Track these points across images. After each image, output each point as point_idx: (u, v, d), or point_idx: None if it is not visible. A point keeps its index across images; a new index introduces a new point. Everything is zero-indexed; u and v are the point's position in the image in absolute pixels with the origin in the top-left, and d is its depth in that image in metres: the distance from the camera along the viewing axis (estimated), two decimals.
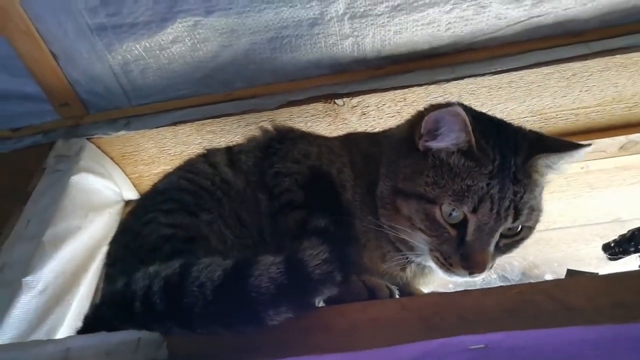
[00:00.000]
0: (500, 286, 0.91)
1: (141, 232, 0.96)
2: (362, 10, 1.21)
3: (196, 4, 1.21)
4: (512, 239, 0.91)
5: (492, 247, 0.87)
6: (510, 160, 0.87)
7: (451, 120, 0.85)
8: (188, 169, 1.10)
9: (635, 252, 0.98)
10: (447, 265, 0.88)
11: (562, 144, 0.93)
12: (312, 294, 0.79)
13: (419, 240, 0.90)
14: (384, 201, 0.94)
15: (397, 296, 0.92)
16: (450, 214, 0.86)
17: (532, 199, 0.88)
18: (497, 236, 0.87)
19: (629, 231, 1.01)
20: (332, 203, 0.94)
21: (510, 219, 0.86)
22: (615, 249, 1.03)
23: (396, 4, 1.20)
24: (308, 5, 1.21)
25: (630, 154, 1.45)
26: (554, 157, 0.90)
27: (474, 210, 0.84)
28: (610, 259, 1.05)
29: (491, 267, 0.89)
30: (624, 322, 0.74)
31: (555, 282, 0.85)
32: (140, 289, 0.80)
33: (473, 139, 0.86)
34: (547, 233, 1.82)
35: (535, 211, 0.91)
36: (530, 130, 0.98)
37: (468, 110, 0.91)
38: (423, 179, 0.88)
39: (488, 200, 0.84)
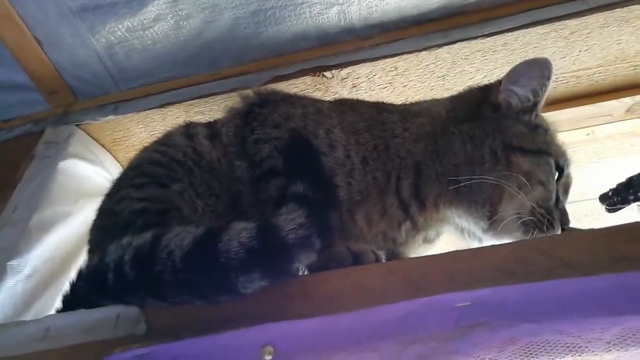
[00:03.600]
0: (492, 245, 0.86)
1: (114, 210, 0.95)
2: None
3: None
4: None
5: None
6: None
7: (540, 67, 0.97)
8: (163, 141, 1.09)
9: (635, 200, 0.92)
10: (550, 220, 0.91)
11: None
12: (287, 259, 0.75)
13: (530, 195, 0.91)
14: (496, 157, 0.95)
15: (384, 261, 0.87)
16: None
17: None
18: None
19: (626, 178, 0.95)
20: (313, 166, 0.90)
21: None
22: (614, 198, 0.96)
23: None
24: None
25: (638, 117, 1.38)
26: None
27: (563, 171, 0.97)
28: (609, 210, 0.99)
29: None
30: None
31: (552, 238, 0.80)
32: (112, 260, 0.78)
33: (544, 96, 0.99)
34: None
35: None
36: None
37: None
38: (534, 136, 0.98)
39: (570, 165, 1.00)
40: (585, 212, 1.75)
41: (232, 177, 0.98)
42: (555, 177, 0.96)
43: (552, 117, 1.37)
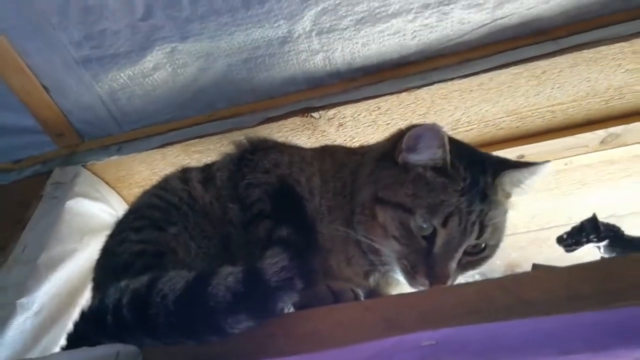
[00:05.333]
0: (459, 284, 0.92)
1: (116, 252, 1.02)
2: (327, 25, 1.26)
3: (171, 31, 1.27)
4: (476, 257, 0.95)
5: (455, 262, 0.91)
6: (479, 179, 0.93)
7: (431, 137, 0.92)
8: (161, 185, 1.17)
9: (587, 242, 0.98)
10: (412, 273, 0.92)
11: (524, 163, 1.02)
12: (271, 301, 0.81)
13: (389, 248, 0.93)
14: (363, 207, 0.98)
15: (362, 299, 0.94)
16: (422, 227, 0.90)
17: (496, 217, 0.94)
18: (461, 251, 0.92)
19: (580, 222, 1.01)
20: (297, 211, 0.97)
21: (474, 235, 0.91)
22: (568, 240, 1.03)
23: (360, 17, 1.24)
24: (276, 25, 1.26)
25: (614, 147, 1.44)
26: (517, 173, 0.96)
27: (444, 224, 0.90)
28: (567, 251, 1.05)
29: (452, 282, 0.92)
30: (579, 312, 0.75)
31: (513, 277, 0.85)
32: (111, 303, 0.85)
33: (448, 157, 0.92)
34: (543, 232, 1.80)
35: (498, 230, 0.96)
36: (496, 156, 1.06)
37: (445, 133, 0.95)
38: (403, 190, 0.94)
39: (457, 215, 0.90)
40: None
41: (224, 220, 1.05)
42: (427, 232, 0.91)
43: (531, 149, 1.46)
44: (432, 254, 0.90)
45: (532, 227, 1.76)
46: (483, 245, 0.95)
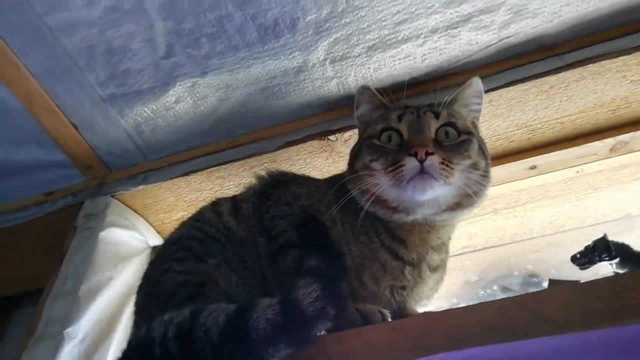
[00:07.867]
0: (481, 303, 0.98)
1: (159, 281, 1.08)
2: (340, 54, 1.31)
3: (192, 67, 1.34)
4: (455, 141, 1.06)
5: (428, 132, 1.05)
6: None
7: (360, 92, 1.24)
8: (198, 218, 1.23)
9: (599, 260, 1.03)
10: (399, 167, 0.99)
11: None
12: (307, 330, 0.87)
13: (376, 170, 1.05)
14: (351, 170, 1.13)
15: (389, 319, 1.00)
16: (390, 140, 1.08)
17: (448, 110, 1.12)
18: (429, 129, 1.06)
19: (592, 242, 1.06)
20: (323, 239, 1.03)
21: (431, 117, 1.08)
22: (582, 259, 1.07)
23: (371, 44, 1.29)
24: (291, 56, 1.32)
25: (623, 154, 1.48)
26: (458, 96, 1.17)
27: (400, 119, 1.09)
28: (581, 269, 1.10)
29: (445, 163, 0.99)
30: (594, 328, 0.80)
31: (532, 295, 0.91)
32: (157, 336, 0.91)
33: (378, 95, 1.22)
34: (558, 236, 1.85)
35: (462, 117, 1.14)
36: None
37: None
38: (368, 132, 1.17)
39: (408, 111, 1.11)
40: (586, 237, 1.85)
41: (257, 252, 1.11)
42: (394, 140, 1.08)
43: (542, 159, 1.50)
44: (405, 140, 1.06)
45: (547, 231, 1.81)
46: (455, 131, 1.07)
